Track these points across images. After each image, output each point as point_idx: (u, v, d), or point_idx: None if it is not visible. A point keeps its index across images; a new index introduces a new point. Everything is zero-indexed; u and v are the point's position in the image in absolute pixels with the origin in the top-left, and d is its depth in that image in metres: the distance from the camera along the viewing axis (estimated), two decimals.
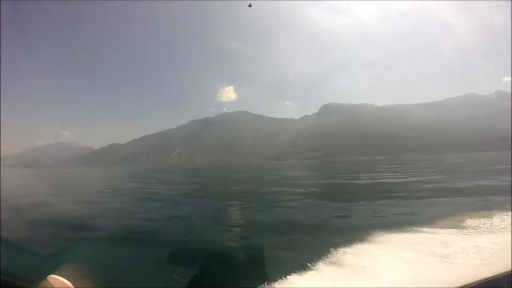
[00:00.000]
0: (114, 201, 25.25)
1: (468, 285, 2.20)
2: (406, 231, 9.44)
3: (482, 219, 10.08)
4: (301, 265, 6.84)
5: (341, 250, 7.77)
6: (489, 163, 59.00)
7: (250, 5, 20.27)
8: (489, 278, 2.32)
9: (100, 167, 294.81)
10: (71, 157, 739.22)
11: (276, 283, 6.11)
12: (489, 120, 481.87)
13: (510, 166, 41.74)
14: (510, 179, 26.41)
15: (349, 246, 8.13)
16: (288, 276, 6.25)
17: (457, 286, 2.24)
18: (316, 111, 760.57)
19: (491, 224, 9.50)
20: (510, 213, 10.61)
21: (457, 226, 9.59)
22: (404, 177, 38.52)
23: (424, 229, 9.48)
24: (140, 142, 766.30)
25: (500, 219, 9.95)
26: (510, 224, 9.15)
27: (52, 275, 2.97)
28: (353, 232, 9.84)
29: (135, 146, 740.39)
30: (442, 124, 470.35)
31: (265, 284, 6.09)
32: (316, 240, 10.53)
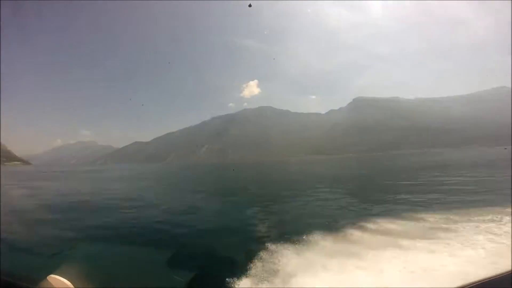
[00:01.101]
0: None
1: (468, 285, 2.17)
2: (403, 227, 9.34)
3: (481, 218, 9.53)
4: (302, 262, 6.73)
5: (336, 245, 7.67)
6: None
7: (250, 5, 20.84)
8: (489, 278, 2.30)
9: (133, 165, 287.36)
10: (93, 156, 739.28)
11: (276, 283, 6.02)
12: None
13: None
14: None
15: (346, 240, 8.07)
16: (288, 276, 6.12)
17: (457, 286, 2.22)
18: (344, 106, 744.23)
19: (491, 223, 8.99)
20: (510, 211, 9.99)
21: (455, 224, 9.26)
22: None
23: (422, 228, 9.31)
24: (165, 139, 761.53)
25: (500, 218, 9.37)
26: (510, 223, 8.71)
27: (52, 275, 2.96)
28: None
29: (160, 143, 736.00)
30: (481, 117, 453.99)
31: (265, 284, 6.04)
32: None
